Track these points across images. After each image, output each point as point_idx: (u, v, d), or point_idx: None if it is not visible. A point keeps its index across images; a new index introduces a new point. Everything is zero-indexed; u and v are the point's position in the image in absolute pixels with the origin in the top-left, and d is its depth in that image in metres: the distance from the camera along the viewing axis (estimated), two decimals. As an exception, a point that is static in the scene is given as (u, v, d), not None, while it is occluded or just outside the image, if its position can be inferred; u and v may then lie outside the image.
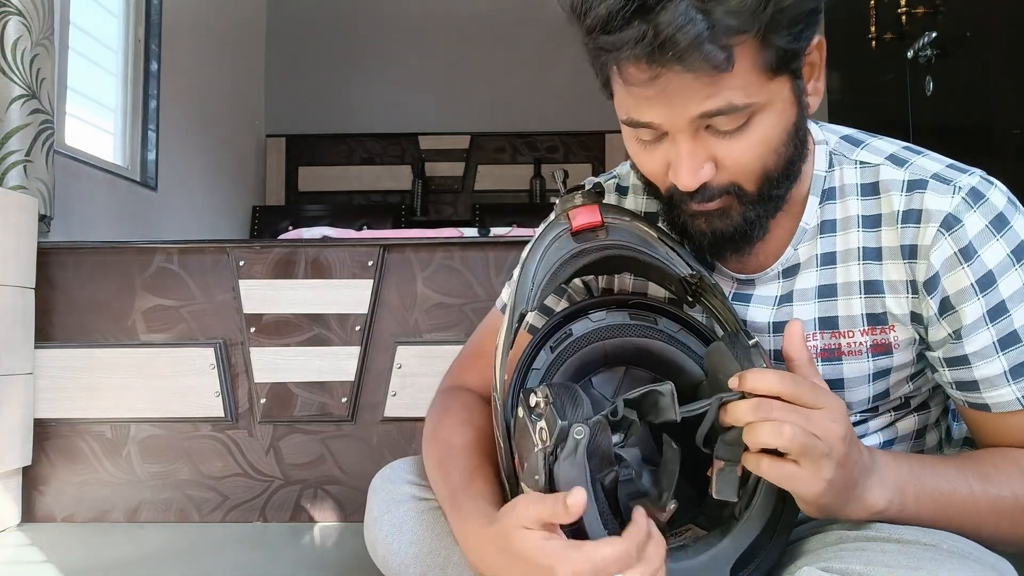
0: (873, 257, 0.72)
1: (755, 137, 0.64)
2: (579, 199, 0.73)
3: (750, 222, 0.69)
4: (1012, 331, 0.68)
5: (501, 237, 1.80)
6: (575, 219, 0.72)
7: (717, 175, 0.66)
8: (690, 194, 0.67)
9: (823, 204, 0.74)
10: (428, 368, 1.66)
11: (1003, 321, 0.68)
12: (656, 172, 0.70)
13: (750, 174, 0.66)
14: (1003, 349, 0.68)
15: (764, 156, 0.66)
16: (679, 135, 0.65)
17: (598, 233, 0.72)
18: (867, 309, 0.73)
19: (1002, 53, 1.74)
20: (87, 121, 2.47)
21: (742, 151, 0.65)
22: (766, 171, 0.67)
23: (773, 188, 0.68)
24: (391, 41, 4.04)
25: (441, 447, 0.79)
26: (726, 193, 0.67)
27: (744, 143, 0.64)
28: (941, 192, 0.68)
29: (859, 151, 0.74)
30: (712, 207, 0.68)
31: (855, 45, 2.47)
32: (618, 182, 0.89)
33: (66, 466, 1.67)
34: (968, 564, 0.57)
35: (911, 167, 0.71)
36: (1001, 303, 0.67)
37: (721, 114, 0.62)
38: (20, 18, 1.75)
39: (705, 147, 0.65)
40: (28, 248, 1.65)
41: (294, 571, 1.32)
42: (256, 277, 1.69)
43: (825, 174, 0.74)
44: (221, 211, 3.47)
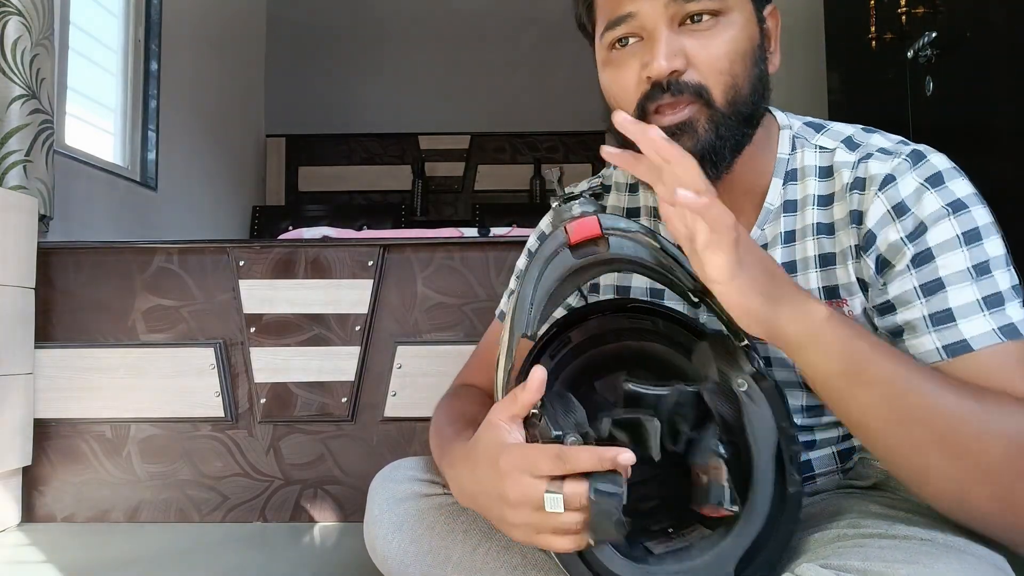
0: (826, 232, 0.75)
1: (725, 37, 0.71)
2: (576, 209, 0.69)
3: (719, 139, 0.71)
4: (936, 278, 0.67)
5: (501, 237, 1.80)
6: (573, 232, 0.68)
7: (688, 72, 0.70)
8: (662, 89, 0.70)
9: (786, 185, 0.78)
10: (428, 368, 1.66)
11: (927, 268, 0.67)
12: (629, 83, 0.73)
13: (719, 75, 0.71)
14: (925, 295, 0.67)
15: (732, 59, 0.71)
16: (656, 27, 0.70)
17: (598, 245, 0.69)
18: (823, 282, 0.75)
19: (1002, 53, 1.74)
20: (87, 121, 2.47)
21: (713, 47, 0.70)
22: (734, 78, 0.71)
23: (739, 105, 0.71)
24: (391, 41, 4.05)
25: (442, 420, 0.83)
26: (695, 96, 0.70)
27: (716, 40, 0.70)
28: (882, 160, 0.72)
29: (819, 136, 0.78)
30: (680, 117, 0.70)
31: (855, 45, 2.47)
32: (602, 182, 0.94)
33: (66, 466, 1.67)
34: (964, 558, 0.58)
35: (861, 147, 0.75)
36: (927, 250, 0.67)
37: (693, 1, 0.69)
38: (20, 18, 1.75)
39: (679, 41, 0.70)
40: (28, 248, 1.65)
41: (294, 571, 1.32)
42: (256, 277, 1.69)
43: (788, 156, 0.78)
44: (221, 211, 3.47)
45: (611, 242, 0.68)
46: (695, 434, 0.64)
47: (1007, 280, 0.67)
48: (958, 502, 0.61)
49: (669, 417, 0.64)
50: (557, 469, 0.58)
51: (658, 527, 0.67)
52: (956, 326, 0.65)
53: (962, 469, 0.59)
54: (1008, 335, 0.65)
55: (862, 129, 0.78)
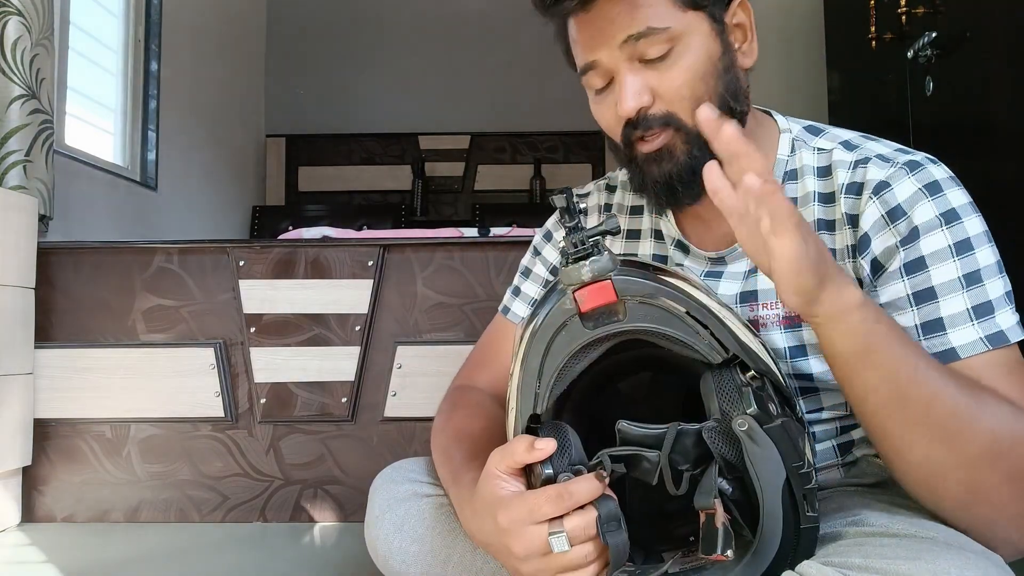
0: (827, 228, 0.77)
1: (681, 64, 0.73)
2: (587, 273, 0.59)
3: (696, 160, 0.73)
4: (928, 287, 0.69)
5: (501, 237, 1.80)
6: (584, 302, 0.60)
7: (655, 105, 0.74)
8: (634, 126, 0.75)
9: (785, 184, 0.80)
10: (428, 368, 1.66)
11: (919, 276, 0.70)
12: (611, 121, 0.78)
13: (683, 101, 0.74)
14: (917, 303, 0.70)
15: (692, 83, 0.74)
16: (618, 71, 0.74)
17: (615, 311, 0.61)
18: None
19: (1002, 53, 1.74)
20: (87, 121, 2.47)
21: (672, 77, 0.73)
22: (698, 100, 0.73)
23: None
24: (391, 41, 4.05)
25: (448, 436, 0.83)
26: (665, 125, 0.74)
27: (673, 70, 0.73)
28: (880, 166, 0.74)
29: (817, 139, 0.81)
30: (657, 144, 0.75)
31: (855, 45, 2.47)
32: (608, 182, 0.97)
33: (66, 466, 1.67)
34: (964, 555, 0.58)
35: (859, 149, 0.77)
36: (920, 258, 0.70)
37: (643, 37, 0.72)
38: (20, 18, 1.75)
39: (641, 77, 0.74)
40: (28, 248, 1.65)
41: (294, 571, 1.32)
42: (256, 277, 1.69)
43: (787, 158, 0.81)
44: (221, 211, 3.47)
45: (629, 307, 0.60)
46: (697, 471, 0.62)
47: (998, 288, 0.69)
48: (932, 485, 0.64)
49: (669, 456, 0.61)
50: (559, 510, 0.59)
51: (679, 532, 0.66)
52: (946, 335, 0.68)
53: (945, 454, 0.62)
54: (995, 343, 0.68)
55: (860, 135, 0.80)
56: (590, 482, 0.60)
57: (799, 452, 0.60)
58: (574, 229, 0.61)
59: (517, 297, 0.97)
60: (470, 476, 0.72)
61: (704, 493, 0.59)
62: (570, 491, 0.59)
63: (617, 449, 0.62)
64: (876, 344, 0.62)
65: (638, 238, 0.91)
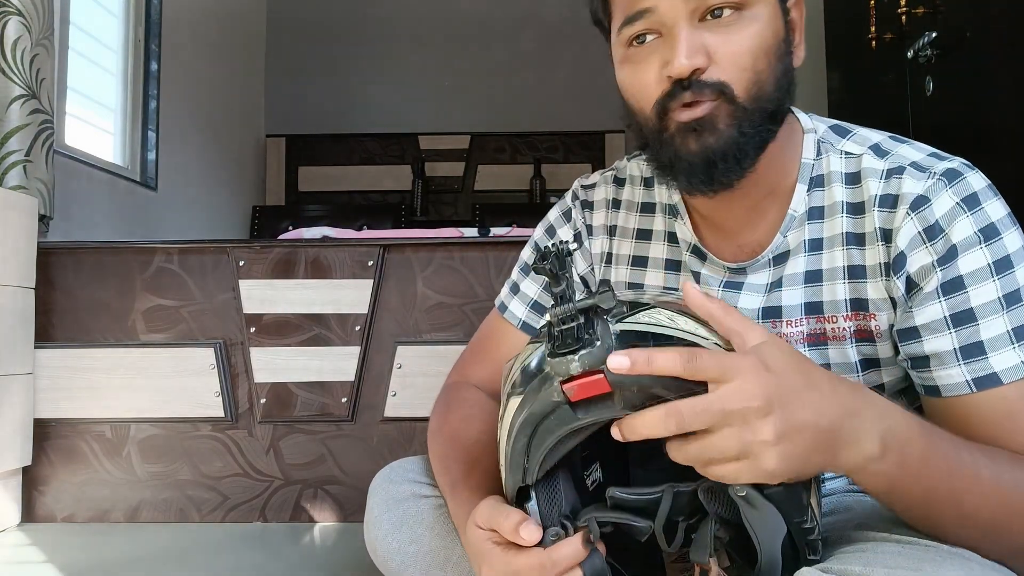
0: (855, 243, 0.72)
1: (748, 32, 0.67)
2: (576, 367, 0.52)
3: (742, 135, 0.68)
4: (967, 309, 0.66)
5: (501, 237, 1.80)
6: (574, 394, 0.54)
7: (710, 69, 0.67)
8: (683, 87, 0.67)
9: (811, 191, 0.75)
10: (428, 368, 1.66)
11: (957, 297, 0.66)
12: (648, 81, 0.69)
13: (741, 72, 0.67)
14: (955, 326, 0.66)
15: (755, 54, 0.67)
16: (676, 23, 0.67)
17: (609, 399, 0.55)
18: (851, 294, 0.73)
19: (1002, 53, 1.74)
20: (87, 121, 2.47)
21: (737, 43, 0.67)
22: (758, 74, 0.68)
23: (764, 102, 0.68)
24: (391, 41, 4.04)
25: (445, 441, 0.81)
26: (718, 93, 0.67)
27: (738, 36, 0.67)
28: (916, 177, 0.69)
29: (845, 141, 0.75)
30: (700, 112, 0.67)
31: (855, 45, 2.47)
32: (615, 174, 0.90)
33: (66, 466, 1.67)
34: (969, 565, 0.57)
35: (891, 156, 0.72)
36: (958, 278, 0.66)
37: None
38: (20, 18, 1.75)
39: (701, 37, 0.67)
40: (28, 248, 1.65)
41: (294, 571, 1.32)
42: (256, 277, 1.69)
43: (813, 162, 0.75)
44: (221, 211, 3.47)
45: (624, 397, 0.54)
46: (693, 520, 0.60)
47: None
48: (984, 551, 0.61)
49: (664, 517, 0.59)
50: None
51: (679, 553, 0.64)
52: (987, 359, 0.65)
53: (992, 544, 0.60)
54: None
55: (890, 137, 0.75)
56: (574, 547, 0.57)
57: (802, 508, 0.57)
58: (562, 298, 0.53)
59: (516, 296, 0.93)
60: (468, 493, 0.71)
61: (700, 548, 0.57)
62: (554, 560, 0.57)
63: (607, 516, 0.59)
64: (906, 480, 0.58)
65: (649, 239, 0.85)
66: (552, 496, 0.61)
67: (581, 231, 0.90)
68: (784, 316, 0.75)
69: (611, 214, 0.89)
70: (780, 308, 0.75)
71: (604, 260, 0.88)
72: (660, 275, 0.84)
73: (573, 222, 0.91)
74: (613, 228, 0.88)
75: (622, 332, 0.55)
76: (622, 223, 0.88)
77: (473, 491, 0.70)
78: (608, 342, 0.53)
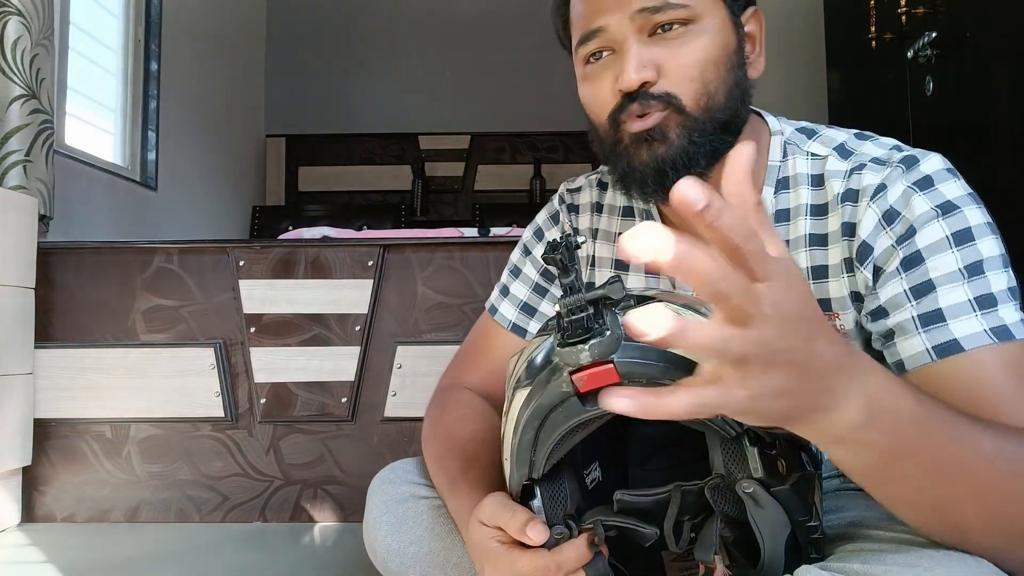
0: (818, 243, 0.73)
1: (695, 44, 0.69)
2: (586, 357, 0.52)
3: (691, 145, 0.70)
4: (927, 280, 0.65)
5: (501, 237, 1.80)
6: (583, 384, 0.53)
7: (659, 83, 0.70)
8: (631, 100, 0.69)
9: (777, 194, 0.76)
10: (428, 368, 1.66)
11: (917, 270, 0.66)
12: (604, 96, 0.72)
13: (690, 83, 0.69)
14: (916, 297, 0.65)
15: (703, 65, 0.69)
16: (626, 40, 0.70)
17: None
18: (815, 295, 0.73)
19: (1002, 53, 1.74)
20: (87, 121, 2.47)
21: (684, 55, 0.69)
22: (706, 85, 0.70)
23: (714, 112, 0.70)
24: (391, 41, 4.05)
25: (440, 443, 0.81)
26: (665, 103, 0.69)
27: (686, 48, 0.69)
28: (875, 170, 0.70)
29: (811, 142, 0.76)
30: (650, 123, 0.70)
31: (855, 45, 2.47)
32: (600, 178, 0.92)
33: (66, 466, 1.67)
34: (965, 562, 0.57)
35: (854, 155, 0.73)
36: (917, 252, 0.66)
37: (660, 12, 0.68)
38: (20, 18, 1.75)
39: (649, 51, 0.69)
40: (28, 248, 1.65)
41: (294, 571, 1.32)
42: (256, 277, 1.69)
43: (779, 164, 0.76)
44: (221, 211, 3.47)
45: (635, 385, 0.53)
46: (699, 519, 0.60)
47: (1003, 281, 0.65)
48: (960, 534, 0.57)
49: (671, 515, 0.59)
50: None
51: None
52: (947, 326, 0.64)
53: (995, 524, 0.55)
54: (1000, 337, 0.62)
55: (855, 135, 0.76)
56: (579, 550, 0.58)
57: (808, 507, 0.56)
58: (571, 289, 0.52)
59: (505, 298, 0.94)
60: (468, 489, 0.71)
61: (704, 547, 0.57)
62: (558, 562, 0.57)
63: (613, 520, 0.60)
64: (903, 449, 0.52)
65: None
66: (557, 494, 0.61)
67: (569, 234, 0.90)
68: None
69: (595, 218, 0.90)
70: None
71: (589, 263, 0.89)
72: (642, 278, 0.85)
73: (561, 225, 0.92)
74: (596, 232, 0.89)
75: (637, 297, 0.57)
76: (604, 227, 0.89)
77: (473, 487, 0.71)
78: (618, 332, 0.52)
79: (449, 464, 0.77)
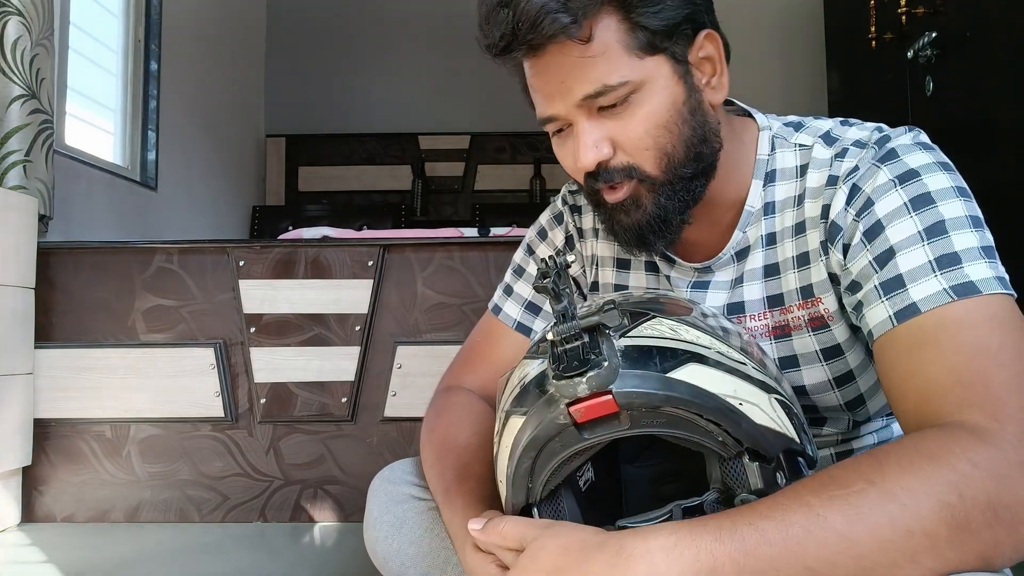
0: (800, 231, 0.74)
1: (641, 113, 0.69)
2: (583, 389, 0.51)
3: (664, 210, 0.71)
4: (888, 247, 0.65)
5: (501, 237, 1.80)
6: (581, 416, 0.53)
7: (616, 157, 0.71)
8: (595, 178, 0.71)
9: (766, 187, 0.76)
10: (428, 368, 1.66)
11: (878, 239, 0.66)
12: (571, 167, 0.75)
13: (645, 151, 0.70)
14: (879, 267, 0.65)
15: (654, 132, 0.70)
16: (576, 119, 0.70)
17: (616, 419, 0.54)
18: (799, 283, 0.75)
19: (1002, 53, 1.74)
20: (87, 121, 2.47)
21: (632, 127, 0.69)
22: (661, 149, 0.70)
23: (677, 170, 0.71)
24: (391, 41, 4.05)
25: (437, 447, 0.81)
26: (628, 177, 0.71)
27: (633, 119, 0.69)
28: (855, 154, 0.71)
29: (798, 134, 0.77)
30: (621, 196, 0.72)
31: (855, 45, 2.47)
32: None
33: (66, 466, 1.67)
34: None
35: (839, 141, 0.73)
36: (877, 222, 0.66)
37: (601, 95, 0.68)
38: (20, 18, 1.75)
39: (600, 128, 0.70)
40: (28, 248, 1.65)
41: (294, 571, 1.32)
42: (256, 277, 1.69)
43: (767, 157, 0.77)
44: (221, 211, 3.47)
45: (632, 416, 0.53)
46: None
47: (971, 240, 0.63)
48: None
49: None
50: None
51: None
52: (906, 291, 0.62)
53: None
54: (962, 293, 0.60)
55: (840, 122, 0.76)
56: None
57: None
58: (564, 316, 0.52)
59: (509, 297, 0.94)
60: (461, 500, 0.71)
61: None
62: None
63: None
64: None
65: None
66: (556, 513, 0.60)
67: (572, 234, 0.91)
68: (747, 311, 0.77)
69: (597, 217, 0.89)
70: (743, 303, 0.77)
71: (591, 262, 0.90)
72: (642, 276, 0.86)
73: (564, 225, 0.92)
74: (598, 231, 0.89)
75: (627, 348, 0.55)
76: None
77: (467, 498, 0.71)
78: (615, 361, 0.52)
79: (444, 472, 0.77)
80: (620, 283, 0.87)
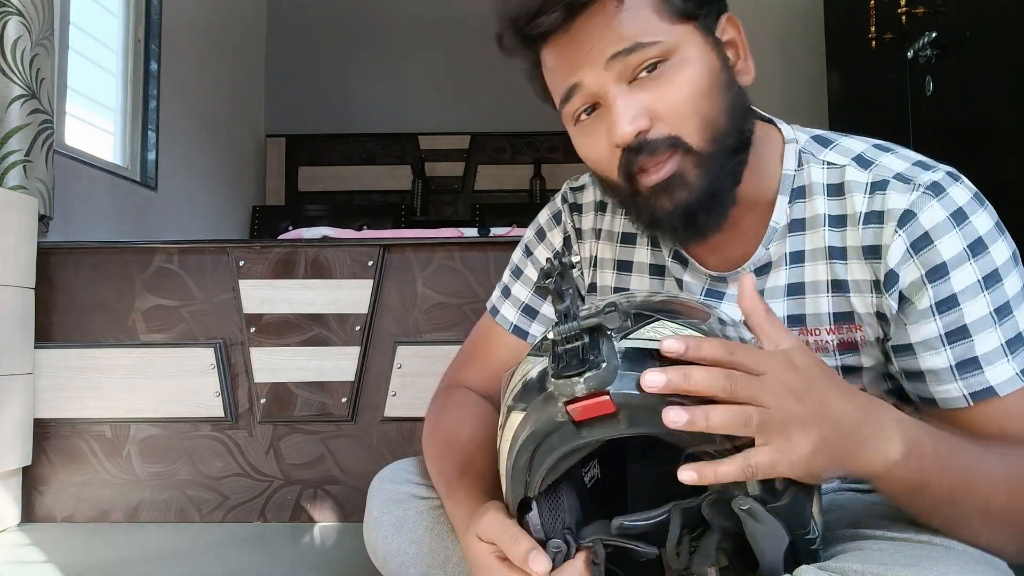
0: (839, 256, 0.72)
1: (679, 79, 0.66)
2: (581, 389, 0.52)
3: (711, 183, 0.67)
4: (961, 325, 0.66)
5: (501, 237, 1.80)
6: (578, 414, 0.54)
7: (655, 127, 0.67)
8: (636, 153, 0.67)
9: (792, 203, 0.74)
10: (428, 368, 1.66)
11: (952, 314, 0.66)
12: (603, 153, 0.70)
13: (687, 119, 0.66)
14: (950, 343, 0.67)
15: (694, 99, 0.66)
16: (607, 92, 0.67)
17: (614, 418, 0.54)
18: (834, 308, 0.73)
19: (1002, 53, 1.74)
20: (87, 121, 2.47)
21: (673, 93, 0.66)
22: (703, 117, 0.67)
23: (721, 140, 0.68)
24: (391, 41, 4.05)
25: (439, 443, 0.81)
26: (671, 148, 0.67)
27: (672, 86, 0.66)
28: (900, 191, 0.68)
29: (827, 151, 0.75)
30: (665, 172, 0.67)
31: (855, 45, 2.47)
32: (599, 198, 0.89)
33: (66, 466, 1.67)
34: (964, 559, 0.57)
35: (875, 168, 0.71)
36: (952, 296, 0.66)
37: (632, 52, 0.65)
38: (20, 18, 1.75)
39: (636, 98, 0.66)
40: (28, 248, 1.65)
41: (294, 571, 1.32)
42: (256, 277, 1.69)
43: (794, 173, 0.74)
44: (221, 211, 3.47)
45: (629, 416, 0.54)
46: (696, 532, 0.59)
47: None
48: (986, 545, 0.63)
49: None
50: None
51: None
52: (983, 373, 0.67)
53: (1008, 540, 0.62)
54: None
55: (874, 145, 0.74)
56: (577, 570, 0.57)
57: (805, 520, 0.57)
58: (566, 316, 0.53)
59: (507, 299, 0.93)
60: (463, 492, 0.71)
61: (703, 559, 0.57)
62: None
63: (613, 540, 0.59)
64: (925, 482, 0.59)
65: (633, 243, 0.85)
66: (555, 506, 0.61)
67: (571, 235, 0.89)
68: None
69: (598, 217, 0.88)
70: None
71: (591, 264, 0.88)
72: (645, 280, 0.84)
73: (563, 225, 0.90)
74: (599, 232, 0.88)
75: (627, 350, 0.55)
76: (607, 227, 0.87)
77: (469, 490, 0.71)
78: (614, 363, 0.53)
79: (446, 466, 0.77)
80: (620, 286, 0.86)
